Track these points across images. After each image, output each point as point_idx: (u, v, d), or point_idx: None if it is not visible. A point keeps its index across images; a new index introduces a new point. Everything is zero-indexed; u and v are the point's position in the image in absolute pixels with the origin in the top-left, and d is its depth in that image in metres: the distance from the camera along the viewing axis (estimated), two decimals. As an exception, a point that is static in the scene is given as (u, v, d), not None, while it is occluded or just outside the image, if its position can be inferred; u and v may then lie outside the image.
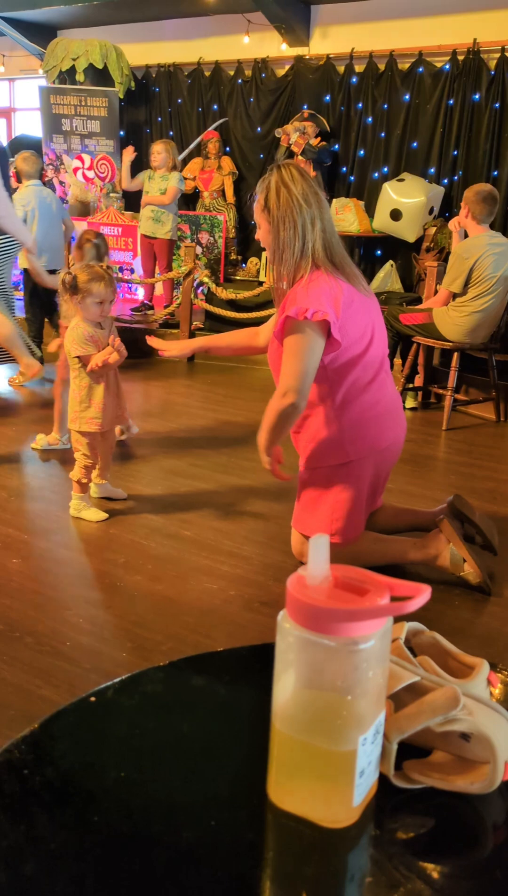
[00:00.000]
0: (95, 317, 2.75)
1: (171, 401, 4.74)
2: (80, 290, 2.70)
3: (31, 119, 9.35)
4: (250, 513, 2.99)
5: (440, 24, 6.39)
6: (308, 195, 2.21)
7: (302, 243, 2.20)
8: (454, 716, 0.63)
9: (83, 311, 2.74)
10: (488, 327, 4.19)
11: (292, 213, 2.19)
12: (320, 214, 2.22)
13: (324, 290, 2.16)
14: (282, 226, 2.20)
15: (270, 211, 2.22)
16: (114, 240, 7.37)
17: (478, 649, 2.06)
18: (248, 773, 0.68)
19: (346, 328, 2.19)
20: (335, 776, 0.61)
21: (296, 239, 2.20)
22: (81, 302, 2.72)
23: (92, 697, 0.76)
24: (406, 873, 0.59)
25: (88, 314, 2.74)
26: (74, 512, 2.84)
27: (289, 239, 2.20)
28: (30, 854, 0.58)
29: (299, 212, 2.19)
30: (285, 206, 2.19)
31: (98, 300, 2.71)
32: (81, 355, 2.72)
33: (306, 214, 2.20)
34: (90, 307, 2.72)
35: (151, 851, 0.59)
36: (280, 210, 2.20)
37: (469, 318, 4.12)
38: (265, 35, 7.11)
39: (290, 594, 0.60)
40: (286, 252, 2.21)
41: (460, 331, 4.16)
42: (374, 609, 0.58)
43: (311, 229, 2.20)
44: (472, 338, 4.19)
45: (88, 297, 2.70)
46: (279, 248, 2.22)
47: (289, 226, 2.20)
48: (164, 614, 2.22)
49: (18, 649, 2.02)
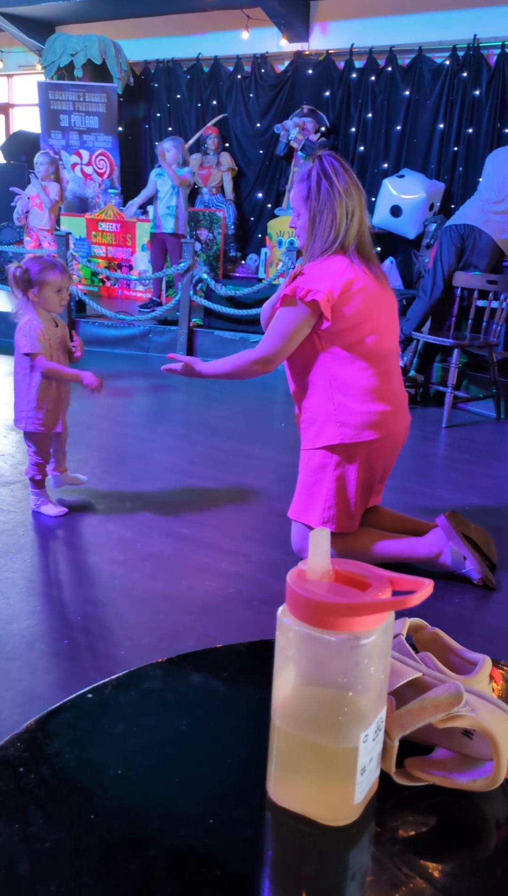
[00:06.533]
0: (55, 307, 2.69)
1: (169, 398, 4.73)
2: (34, 282, 2.63)
3: (29, 115, 9.33)
4: (249, 510, 2.98)
5: (440, 19, 6.38)
6: (350, 187, 2.27)
7: (336, 234, 2.26)
8: (456, 712, 0.62)
9: (42, 303, 2.66)
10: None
11: (333, 204, 2.25)
12: (359, 206, 2.29)
13: (331, 271, 2.23)
14: (322, 216, 2.26)
15: (311, 200, 2.27)
16: (112, 236, 7.35)
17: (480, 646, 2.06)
18: (247, 771, 0.67)
19: (344, 310, 2.22)
20: (336, 773, 0.60)
21: (332, 229, 2.26)
22: (38, 294, 2.64)
23: (89, 694, 0.75)
24: (408, 872, 0.58)
25: (48, 305, 2.67)
26: (35, 507, 2.83)
27: (326, 228, 2.27)
28: (25, 853, 0.57)
29: (340, 203, 2.25)
30: (327, 197, 2.25)
31: (56, 288, 2.64)
32: (30, 353, 2.64)
33: (347, 206, 2.26)
34: (50, 297, 2.65)
35: (149, 850, 0.58)
36: (320, 200, 2.25)
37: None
38: (265, 31, 7.09)
39: (290, 588, 0.59)
40: (319, 241, 2.29)
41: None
42: (376, 603, 0.57)
43: (348, 221, 2.27)
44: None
45: (44, 287, 2.63)
46: (314, 236, 2.29)
47: (328, 217, 2.26)
48: (162, 612, 2.21)
49: (15, 647, 2.01)
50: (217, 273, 7.13)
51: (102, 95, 7.77)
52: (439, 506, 3.02)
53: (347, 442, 2.30)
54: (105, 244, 7.32)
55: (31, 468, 2.80)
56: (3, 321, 5.70)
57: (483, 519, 2.83)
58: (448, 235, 4.63)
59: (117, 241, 7.29)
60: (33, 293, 2.64)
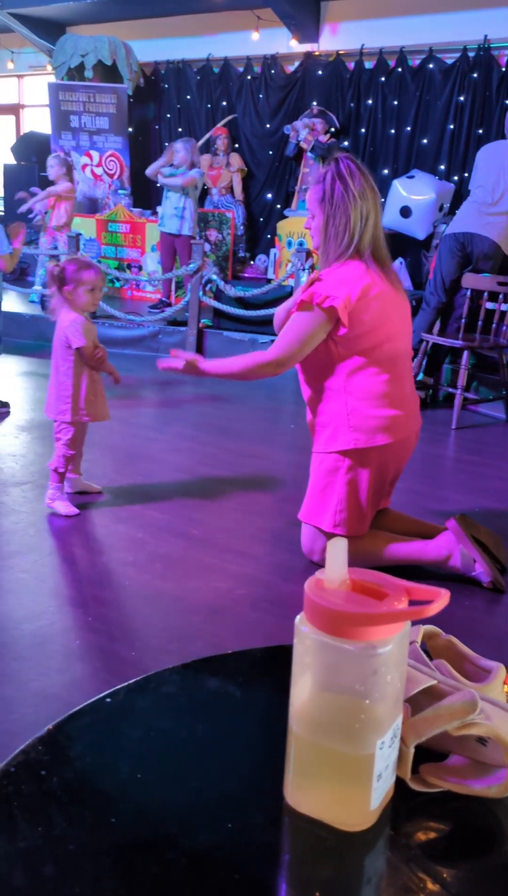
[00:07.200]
0: (88, 306, 2.79)
1: (179, 398, 4.74)
2: (69, 280, 2.72)
3: (39, 116, 9.36)
4: (259, 512, 2.99)
5: (450, 20, 6.37)
6: (365, 190, 2.27)
7: (350, 237, 2.26)
8: (471, 720, 0.63)
9: (75, 300, 2.76)
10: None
11: (347, 207, 2.25)
12: (373, 210, 2.29)
13: (348, 277, 2.23)
14: (335, 219, 2.26)
15: (325, 203, 2.27)
16: (122, 237, 7.37)
17: (489, 649, 2.06)
18: (264, 776, 0.68)
19: (361, 316, 2.22)
20: (352, 779, 0.61)
21: (345, 232, 2.26)
22: (72, 292, 2.74)
23: (107, 698, 0.77)
24: (423, 876, 0.59)
25: (81, 303, 2.76)
26: (49, 501, 2.85)
27: (339, 231, 2.27)
28: (49, 855, 0.58)
29: (354, 206, 2.25)
30: (341, 200, 2.25)
31: (89, 287, 2.74)
32: (80, 347, 2.73)
33: (361, 210, 2.26)
34: (82, 296, 2.75)
35: (168, 853, 0.59)
36: (334, 203, 2.26)
37: None
38: (275, 31, 7.10)
39: (308, 597, 0.60)
40: (334, 243, 2.29)
41: None
42: (393, 613, 0.58)
43: (362, 224, 2.27)
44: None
45: (79, 286, 2.73)
46: (327, 239, 2.30)
47: (342, 219, 2.26)
48: (172, 613, 2.23)
49: (28, 647, 2.03)
50: (226, 274, 7.13)
51: (112, 96, 7.79)
52: (448, 508, 3.02)
53: (360, 447, 2.31)
54: (115, 245, 7.33)
55: (58, 459, 2.84)
56: (14, 322, 5.73)
57: (492, 522, 2.83)
58: (446, 244, 4.59)
59: (127, 242, 7.31)
60: (68, 290, 2.74)
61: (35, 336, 5.95)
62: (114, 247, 7.34)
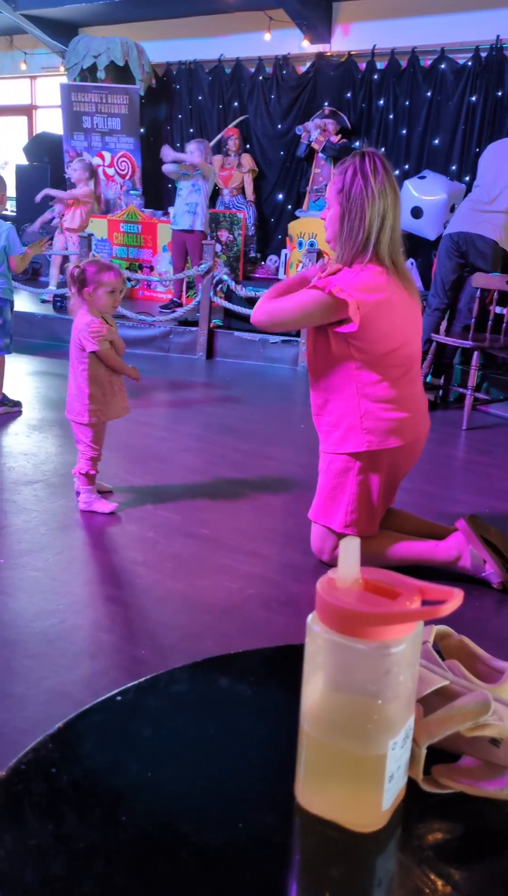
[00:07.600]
0: (108, 308, 2.78)
1: (190, 399, 4.74)
2: (89, 281, 2.71)
3: (52, 117, 9.39)
4: (269, 512, 2.99)
5: (462, 20, 6.35)
6: (386, 189, 2.23)
7: (366, 235, 2.22)
8: (484, 721, 0.63)
9: (94, 302, 2.75)
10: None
11: (363, 203, 2.21)
12: (392, 209, 2.24)
13: (364, 280, 2.20)
14: (350, 214, 2.23)
15: (342, 196, 2.24)
16: (134, 237, 7.38)
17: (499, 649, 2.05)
18: (275, 776, 0.68)
19: (376, 322, 2.20)
20: (364, 780, 0.61)
21: (361, 230, 2.22)
22: (92, 294, 2.73)
23: (118, 696, 0.76)
24: (435, 878, 0.58)
25: (100, 305, 2.75)
26: (85, 506, 2.85)
27: (355, 228, 2.23)
28: (59, 853, 0.58)
29: (371, 204, 2.21)
30: (358, 195, 2.21)
31: (109, 289, 2.73)
32: (94, 350, 2.74)
33: (378, 208, 2.21)
34: (102, 297, 2.74)
35: (179, 852, 0.59)
36: (352, 199, 2.22)
37: None
38: (287, 32, 7.10)
39: (320, 597, 0.60)
40: (348, 240, 2.25)
41: None
42: (407, 613, 0.58)
43: (379, 224, 2.22)
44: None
45: (99, 287, 2.72)
46: (343, 234, 2.26)
47: (357, 216, 2.22)
48: (182, 612, 2.23)
49: (38, 645, 2.03)
50: (237, 274, 7.14)
51: (124, 97, 7.81)
52: (458, 509, 3.01)
53: (373, 449, 2.30)
54: (126, 245, 7.35)
55: (85, 463, 2.84)
56: (26, 322, 5.76)
57: (502, 523, 2.81)
58: (443, 246, 4.57)
59: (139, 243, 7.33)
60: (88, 291, 2.73)
61: (47, 336, 5.97)
62: (126, 247, 7.36)
